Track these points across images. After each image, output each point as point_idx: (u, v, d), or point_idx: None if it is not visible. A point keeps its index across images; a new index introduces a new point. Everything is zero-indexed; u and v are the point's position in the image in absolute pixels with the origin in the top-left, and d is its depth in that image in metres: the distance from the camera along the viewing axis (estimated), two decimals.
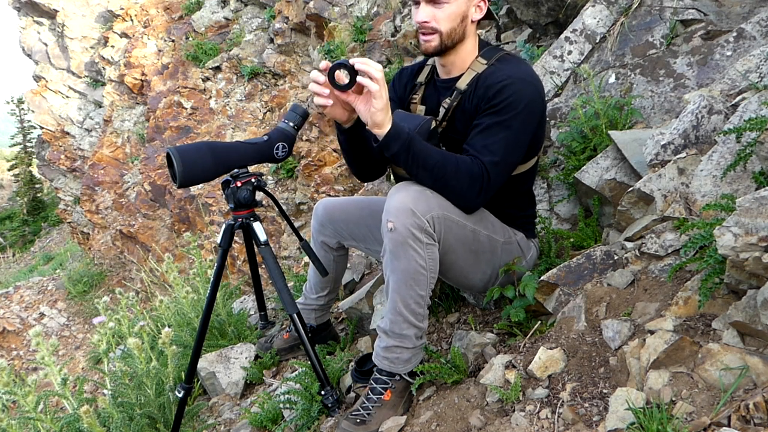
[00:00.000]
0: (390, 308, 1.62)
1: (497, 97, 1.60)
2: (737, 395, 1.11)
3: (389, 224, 1.53)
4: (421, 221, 1.52)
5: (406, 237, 1.52)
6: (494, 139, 1.60)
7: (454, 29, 1.66)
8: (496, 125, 1.60)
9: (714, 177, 1.61)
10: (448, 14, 1.63)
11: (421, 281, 1.57)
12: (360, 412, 1.66)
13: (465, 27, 1.68)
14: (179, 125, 8.88)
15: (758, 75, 1.89)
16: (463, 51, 1.74)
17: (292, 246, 6.47)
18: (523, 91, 1.61)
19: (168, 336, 1.95)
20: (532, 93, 1.63)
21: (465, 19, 1.67)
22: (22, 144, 22.61)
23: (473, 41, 1.76)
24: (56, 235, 18.58)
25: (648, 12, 2.49)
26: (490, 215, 1.76)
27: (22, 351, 9.56)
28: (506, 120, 1.60)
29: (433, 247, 1.57)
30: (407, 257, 1.54)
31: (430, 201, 1.56)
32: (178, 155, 1.71)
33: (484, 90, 1.64)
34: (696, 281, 1.40)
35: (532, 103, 1.63)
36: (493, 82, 1.63)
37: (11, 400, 1.89)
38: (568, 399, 1.35)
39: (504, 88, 1.60)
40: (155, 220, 9.25)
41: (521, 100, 1.60)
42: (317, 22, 7.32)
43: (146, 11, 11.15)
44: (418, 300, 1.60)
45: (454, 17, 1.64)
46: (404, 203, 1.52)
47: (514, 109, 1.59)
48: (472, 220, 1.67)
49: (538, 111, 1.69)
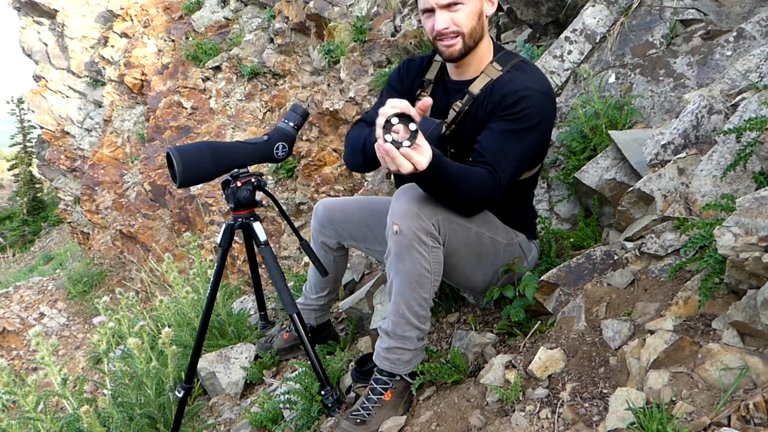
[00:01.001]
0: (393, 310, 1.62)
1: (515, 107, 1.58)
2: (737, 395, 1.11)
3: (395, 227, 1.52)
4: (426, 224, 1.52)
5: (411, 240, 1.51)
6: (509, 147, 1.59)
7: (474, 28, 1.63)
8: (512, 133, 1.59)
9: (714, 177, 1.61)
10: (467, 14, 1.61)
11: (425, 284, 1.57)
12: (360, 412, 1.66)
13: (483, 24, 1.66)
14: (179, 125, 8.88)
15: (758, 75, 1.89)
16: (480, 51, 1.71)
17: (292, 246, 6.47)
18: (543, 105, 1.61)
19: (168, 336, 1.95)
20: (549, 108, 1.65)
21: (481, 15, 1.65)
22: (22, 144, 22.61)
23: (488, 41, 1.74)
24: (56, 235, 18.58)
25: (648, 12, 2.49)
26: (494, 217, 1.77)
27: (22, 351, 9.56)
28: (523, 130, 1.59)
29: (437, 250, 1.57)
30: (412, 260, 1.54)
31: (435, 204, 1.56)
32: (178, 155, 1.71)
33: (501, 97, 1.62)
34: (696, 281, 1.40)
35: (549, 118, 1.66)
36: (512, 90, 1.60)
37: (11, 400, 1.89)
38: (568, 399, 1.35)
39: (523, 99, 1.58)
40: (155, 220, 9.25)
41: (539, 113, 1.60)
42: (317, 22, 7.32)
43: (146, 11, 11.14)
44: (421, 302, 1.60)
45: (472, 16, 1.62)
46: (410, 206, 1.52)
47: (531, 120, 1.59)
48: (476, 222, 1.68)
49: (551, 122, 1.71)
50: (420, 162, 1.34)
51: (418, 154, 1.34)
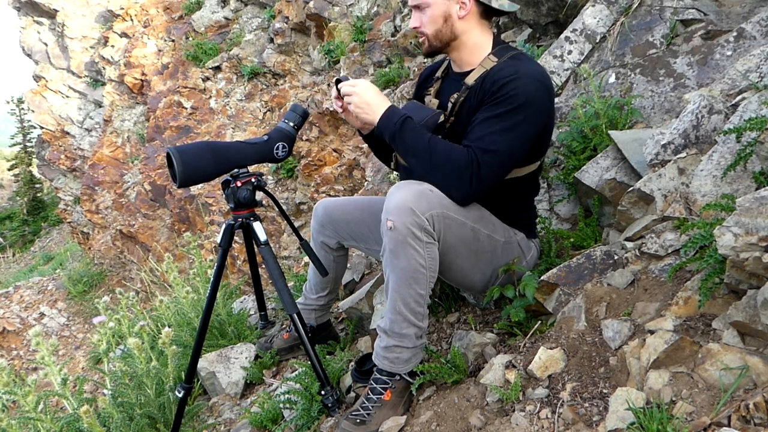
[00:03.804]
0: (390, 307, 1.62)
1: (500, 91, 1.60)
2: (737, 395, 1.11)
3: (389, 223, 1.53)
4: (420, 220, 1.52)
5: (405, 236, 1.52)
6: (490, 129, 1.59)
7: (439, 30, 1.72)
8: (494, 117, 1.60)
9: (714, 177, 1.61)
10: (430, 17, 1.72)
11: (420, 280, 1.57)
12: (360, 412, 1.66)
13: (452, 26, 1.72)
14: (179, 125, 8.88)
15: (758, 75, 1.89)
16: (467, 47, 1.76)
17: (292, 246, 6.47)
18: (527, 86, 1.60)
19: (168, 336, 1.95)
20: (537, 89, 1.62)
21: (449, 18, 1.71)
22: (22, 144, 22.60)
23: (480, 37, 1.76)
24: (56, 235, 18.58)
25: (648, 12, 2.49)
26: (491, 215, 1.76)
27: (22, 351, 9.56)
28: (505, 112, 1.59)
29: (432, 246, 1.57)
30: (407, 256, 1.54)
31: (430, 199, 1.56)
32: (178, 155, 1.71)
33: (490, 85, 1.64)
34: (696, 281, 1.40)
35: (536, 99, 1.62)
36: (500, 77, 1.62)
37: (11, 400, 1.89)
38: (568, 399, 1.35)
39: (508, 83, 1.60)
40: (155, 220, 9.25)
41: (523, 94, 1.59)
42: (317, 22, 7.32)
43: (146, 11, 11.15)
44: (417, 299, 1.60)
45: (435, 19, 1.71)
46: (404, 202, 1.52)
47: (514, 102, 1.58)
48: (472, 218, 1.67)
49: (544, 109, 1.66)
50: (360, 96, 1.68)
51: (353, 88, 1.68)
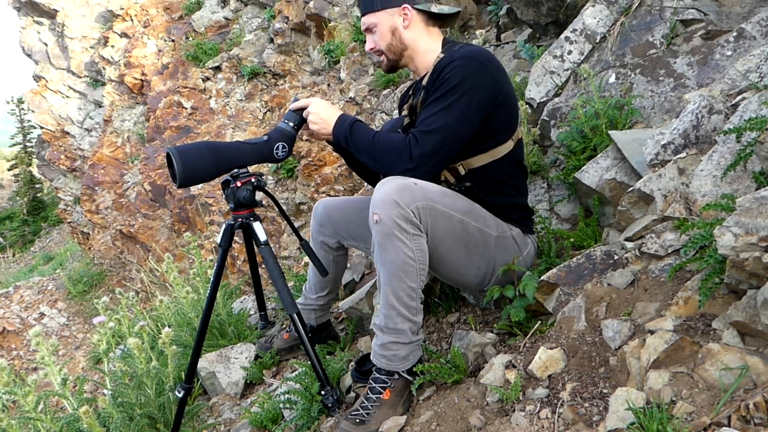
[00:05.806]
0: (383, 302, 1.62)
1: (439, 78, 1.69)
2: (737, 395, 1.11)
3: (375, 216, 1.55)
4: (405, 211, 1.53)
5: (391, 228, 1.53)
6: (430, 113, 1.67)
7: (390, 43, 1.86)
8: (433, 101, 1.69)
9: (714, 177, 1.61)
10: (380, 34, 1.86)
11: (410, 273, 1.58)
12: (359, 412, 1.66)
13: (400, 37, 1.85)
14: (179, 125, 8.89)
15: (758, 75, 1.89)
16: (419, 54, 1.86)
17: (292, 246, 6.47)
18: (462, 66, 1.67)
19: (168, 336, 1.95)
20: (472, 67, 1.68)
21: (396, 30, 1.84)
22: (22, 144, 22.62)
23: (429, 42, 1.87)
24: (56, 235, 18.59)
25: (648, 12, 2.49)
26: (480, 208, 1.76)
27: (22, 351, 9.57)
28: (443, 94, 1.66)
29: (420, 238, 1.58)
30: (395, 248, 1.55)
31: (414, 192, 1.57)
32: (178, 155, 1.71)
33: (435, 77, 1.72)
34: (696, 281, 1.40)
35: (474, 75, 1.67)
36: (438, 66, 1.72)
37: (11, 400, 1.89)
38: (568, 399, 1.35)
39: (445, 67, 1.68)
40: (155, 220, 9.25)
41: (458, 74, 1.66)
42: (317, 22, 7.32)
43: (146, 11, 11.15)
44: (409, 293, 1.60)
45: (384, 34, 1.85)
46: (388, 195, 1.54)
47: (451, 82, 1.66)
48: (460, 211, 1.68)
49: (485, 83, 1.68)
50: (314, 113, 1.86)
51: (308, 107, 1.88)
